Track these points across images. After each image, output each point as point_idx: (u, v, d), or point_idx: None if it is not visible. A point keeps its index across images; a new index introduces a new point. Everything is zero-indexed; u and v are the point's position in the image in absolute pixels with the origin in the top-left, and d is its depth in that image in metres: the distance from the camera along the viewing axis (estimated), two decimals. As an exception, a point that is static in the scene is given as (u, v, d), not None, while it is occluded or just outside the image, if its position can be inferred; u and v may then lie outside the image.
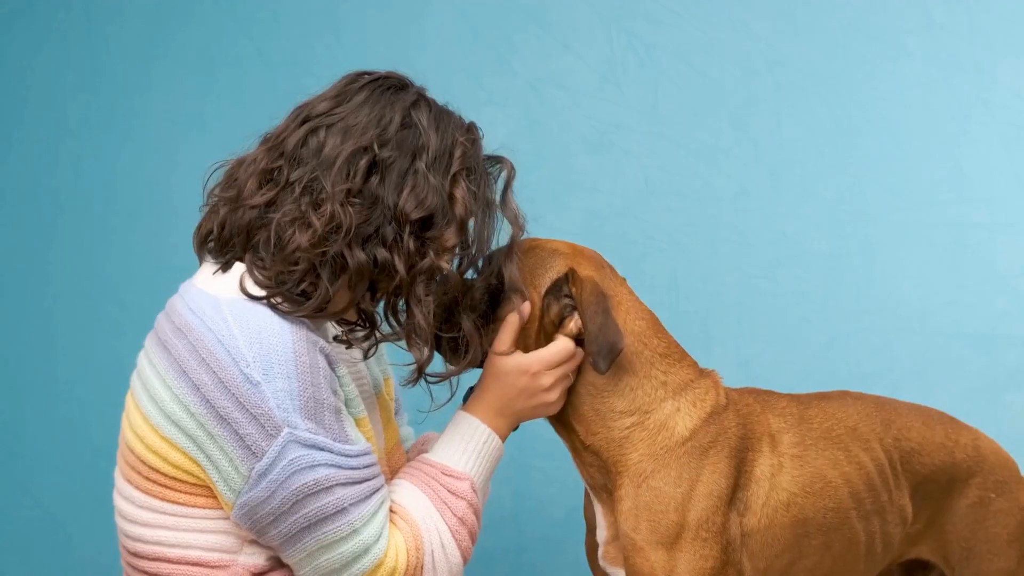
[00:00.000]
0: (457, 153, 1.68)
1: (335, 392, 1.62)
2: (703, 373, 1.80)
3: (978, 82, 2.48)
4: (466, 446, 1.73)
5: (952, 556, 1.88)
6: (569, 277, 1.74)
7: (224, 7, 2.76)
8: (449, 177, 1.65)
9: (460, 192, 1.66)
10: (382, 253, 1.61)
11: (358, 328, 1.69)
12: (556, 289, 1.74)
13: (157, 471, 1.63)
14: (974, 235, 2.48)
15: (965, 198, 2.49)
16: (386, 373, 1.95)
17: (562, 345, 1.73)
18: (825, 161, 2.54)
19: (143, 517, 1.66)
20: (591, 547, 1.84)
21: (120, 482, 1.71)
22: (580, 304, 1.71)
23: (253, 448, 1.55)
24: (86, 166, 2.80)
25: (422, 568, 1.65)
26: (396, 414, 1.98)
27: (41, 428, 2.79)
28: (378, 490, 1.64)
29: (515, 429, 1.80)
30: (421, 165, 1.64)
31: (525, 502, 2.56)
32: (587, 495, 1.84)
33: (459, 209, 1.65)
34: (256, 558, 1.65)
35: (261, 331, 1.57)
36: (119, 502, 1.71)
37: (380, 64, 1.80)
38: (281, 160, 1.64)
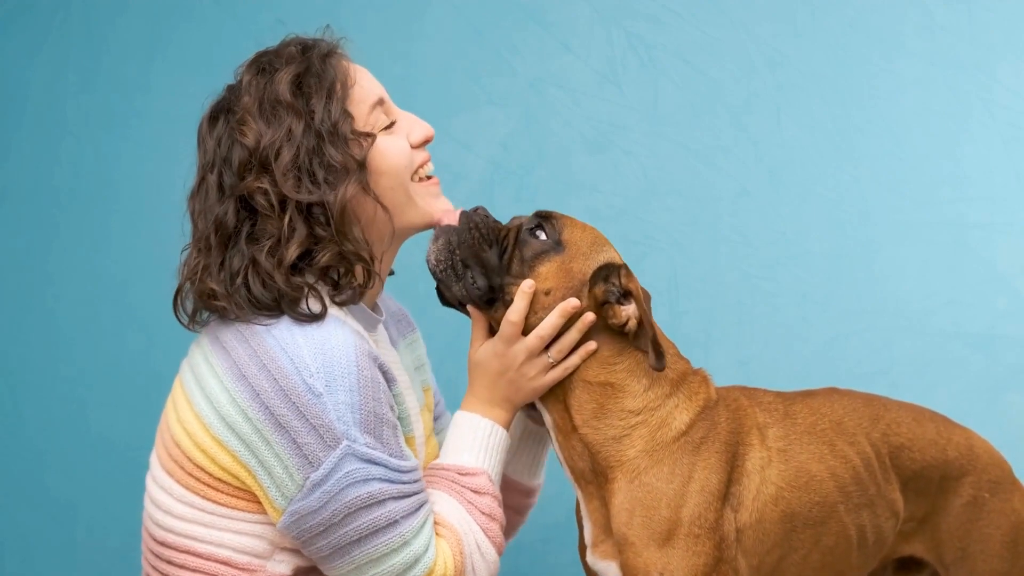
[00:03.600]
0: (245, 83, 1.69)
1: (392, 408, 1.63)
2: (694, 370, 1.81)
3: (978, 82, 2.48)
4: (472, 443, 1.73)
5: (946, 556, 1.89)
6: (623, 272, 1.73)
7: (224, 7, 2.76)
8: (239, 122, 1.66)
9: (248, 124, 1.65)
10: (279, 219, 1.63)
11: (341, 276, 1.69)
12: (605, 272, 1.72)
13: (202, 469, 1.63)
14: (974, 235, 2.48)
15: (965, 198, 2.49)
16: (426, 384, 1.95)
17: (508, 323, 1.71)
18: (825, 161, 2.54)
19: (179, 510, 1.66)
20: (583, 549, 1.84)
21: (157, 470, 1.70)
22: (639, 301, 1.71)
23: (310, 457, 1.56)
24: (86, 166, 2.80)
25: (464, 571, 1.65)
26: (439, 417, 1.99)
27: (42, 428, 2.78)
28: (425, 503, 1.65)
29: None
30: (235, 135, 1.66)
31: (525, 502, 2.56)
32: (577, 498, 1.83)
33: (248, 140, 1.64)
34: (283, 567, 1.65)
35: (325, 343, 1.58)
36: (153, 489, 1.70)
37: (381, 63, 1.80)
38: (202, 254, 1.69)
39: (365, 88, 1.71)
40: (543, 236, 1.73)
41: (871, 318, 2.50)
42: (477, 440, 1.73)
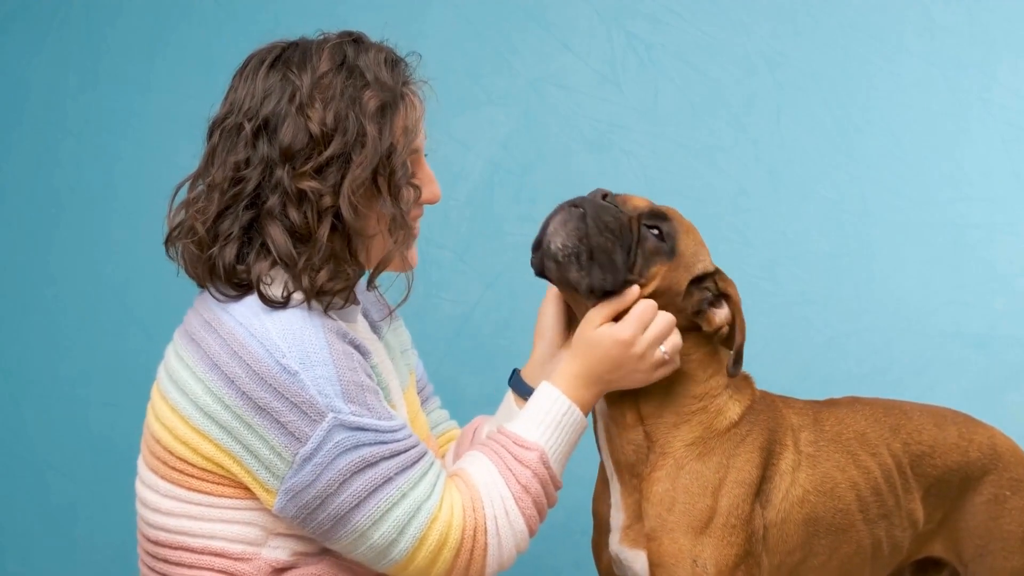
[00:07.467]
0: (323, 69, 1.66)
1: (369, 376, 1.63)
2: None
3: (978, 82, 2.48)
4: (543, 417, 1.70)
5: (966, 554, 1.89)
6: (718, 276, 1.76)
7: (224, 7, 2.76)
8: (304, 99, 1.63)
9: (315, 110, 1.63)
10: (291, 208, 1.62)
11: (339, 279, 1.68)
12: (700, 279, 1.75)
13: (186, 461, 1.63)
14: (974, 235, 2.48)
15: (965, 198, 2.49)
16: (411, 367, 1.95)
17: (649, 311, 1.69)
18: (825, 161, 2.54)
19: (166, 506, 1.65)
20: (598, 544, 1.84)
21: (143, 471, 1.70)
22: (735, 306, 1.75)
23: (296, 434, 1.55)
24: (86, 166, 2.80)
25: (485, 532, 1.64)
26: (425, 401, 1.99)
27: (43, 428, 2.79)
28: (423, 456, 1.63)
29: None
30: (292, 107, 1.63)
31: (525, 502, 2.56)
32: (598, 490, 1.84)
33: (314, 128, 1.62)
34: (279, 552, 1.64)
35: (293, 323, 1.58)
36: (142, 491, 1.70)
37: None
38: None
39: (421, 136, 1.73)
40: (659, 236, 1.73)
41: (871, 318, 2.50)
42: (550, 416, 1.70)
